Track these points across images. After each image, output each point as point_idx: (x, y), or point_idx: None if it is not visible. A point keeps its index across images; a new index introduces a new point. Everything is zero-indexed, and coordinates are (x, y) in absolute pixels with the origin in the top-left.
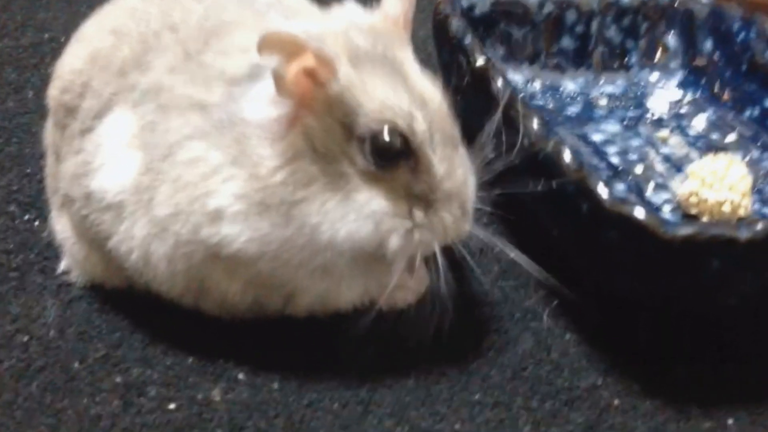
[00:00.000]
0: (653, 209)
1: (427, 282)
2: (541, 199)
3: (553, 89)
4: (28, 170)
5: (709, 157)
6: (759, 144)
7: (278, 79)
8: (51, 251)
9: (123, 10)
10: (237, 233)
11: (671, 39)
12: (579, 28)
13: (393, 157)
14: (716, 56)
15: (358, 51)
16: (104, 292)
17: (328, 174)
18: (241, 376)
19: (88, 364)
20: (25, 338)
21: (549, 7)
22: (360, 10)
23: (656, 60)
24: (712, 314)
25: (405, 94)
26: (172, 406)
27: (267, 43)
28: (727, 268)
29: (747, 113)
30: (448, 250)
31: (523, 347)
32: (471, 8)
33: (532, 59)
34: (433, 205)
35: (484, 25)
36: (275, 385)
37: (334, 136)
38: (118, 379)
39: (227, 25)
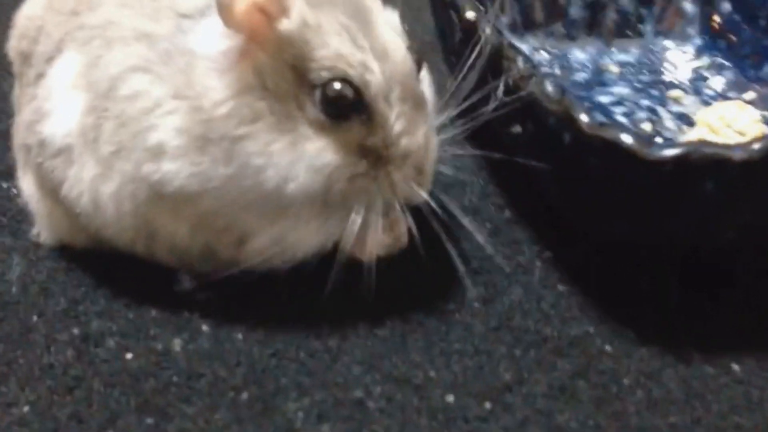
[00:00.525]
0: None
1: (404, 239)
2: (528, 141)
3: (561, 58)
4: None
5: (718, 104)
6: None
7: (224, 8)
8: (24, 216)
9: None
10: (177, 169)
11: (688, 4)
12: None
13: (345, 109)
14: (735, 16)
15: None
16: (71, 252)
17: (277, 114)
18: (204, 327)
19: (47, 317)
20: None
21: None
22: None
23: (673, 27)
24: (712, 251)
25: (363, 44)
26: (129, 356)
27: None
28: (722, 193)
29: (766, 69)
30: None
31: (511, 299)
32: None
33: (539, 28)
34: (386, 161)
35: None
36: (239, 336)
37: (285, 78)
38: (76, 331)
39: None
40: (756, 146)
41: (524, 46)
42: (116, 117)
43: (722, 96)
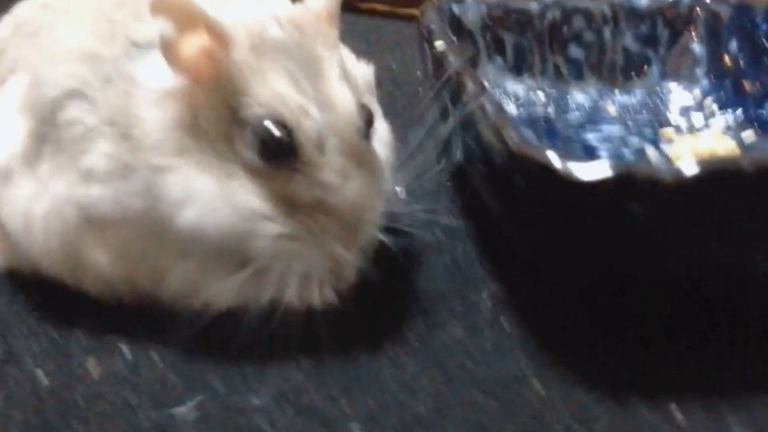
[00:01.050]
0: None
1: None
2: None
3: (559, 99)
4: None
5: (692, 135)
6: None
7: (167, 47)
8: None
9: None
10: (103, 194)
11: (696, 46)
12: (588, 36)
13: (276, 152)
14: (741, 56)
15: (266, 39)
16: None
17: (205, 152)
18: (124, 348)
19: None
20: None
21: (553, 13)
22: (286, 2)
23: (679, 68)
24: (659, 287)
25: (306, 89)
26: (40, 374)
27: (160, 5)
28: (654, 218)
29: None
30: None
31: (453, 336)
32: (462, 14)
33: (537, 69)
34: (316, 219)
35: (479, 34)
36: (155, 357)
37: (219, 117)
38: None
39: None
40: (690, 169)
41: (520, 87)
42: (54, 142)
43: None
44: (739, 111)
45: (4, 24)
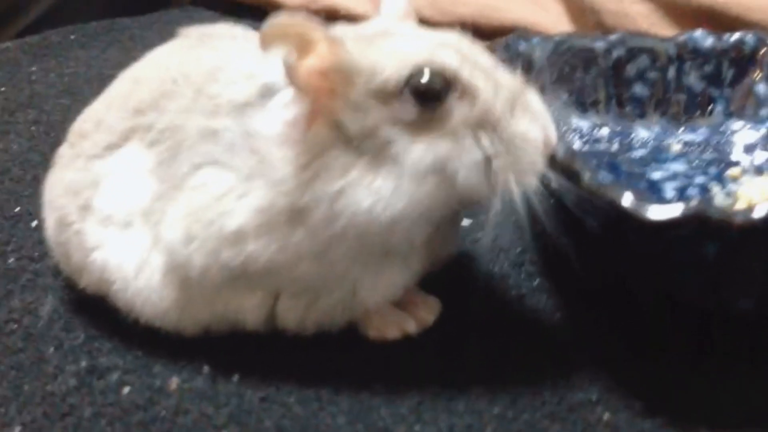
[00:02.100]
0: None
1: (429, 320)
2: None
3: (623, 135)
4: None
5: (762, 178)
6: None
7: (291, 74)
8: None
9: (146, 61)
10: (263, 246)
11: (760, 86)
12: (653, 74)
13: (435, 94)
14: None
15: (362, 33)
16: None
17: (368, 151)
18: (205, 368)
19: (63, 350)
20: (14, 326)
21: (618, 52)
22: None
23: (743, 108)
24: (728, 321)
25: (419, 39)
26: (126, 389)
27: (270, 35)
28: (726, 258)
29: None
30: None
31: (517, 361)
32: (529, 51)
33: (600, 106)
34: (499, 125)
35: (546, 70)
36: (235, 378)
37: (364, 106)
38: (84, 364)
39: (233, 58)
40: (758, 212)
41: (584, 123)
42: (185, 205)
43: None
44: None
45: (100, 100)
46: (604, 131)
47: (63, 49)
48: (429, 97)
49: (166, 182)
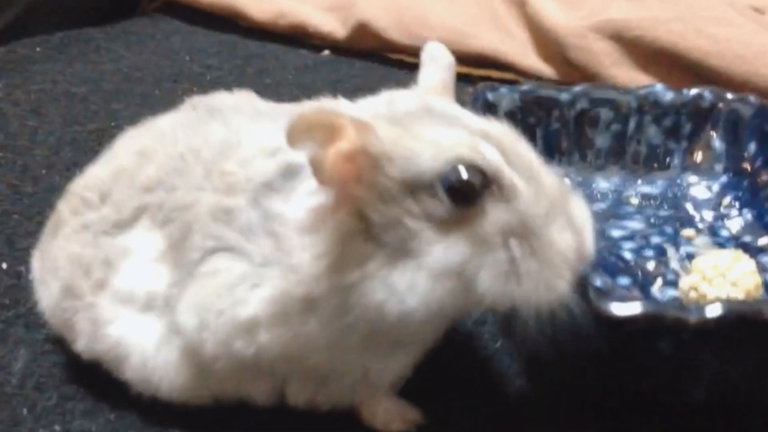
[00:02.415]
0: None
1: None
2: None
3: (584, 185)
4: None
5: (715, 252)
6: None
7: (317, 166)
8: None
9: (151, 133)
10: (276, 337)
11: (716, 141)
12: (615, 127)
13: (471, 193)
14: (759, 158)
15: (397, 112)
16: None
17: (389, 243)
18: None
19: (36, 412)
20: None
21: (582, 104)
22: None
23: (699, 162)
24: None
25: (460, 129)
26: None
27: (297, 130)
28: (681, 354)
29: None
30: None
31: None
32: (497, 102)
33: (564, 156)
34: (534, 232)
35: (512, 121)
36: None
37: (391, 198)
38: (58, 428)
39: (247, 133)
40: (712, 311)
41: None
42: (196, 292)
43: (736, 239)
44: (756, 213)
45: (103, 164)
46: (567, 181)
47: (29, 62)
48: (464, 195)
49: (179, 267)
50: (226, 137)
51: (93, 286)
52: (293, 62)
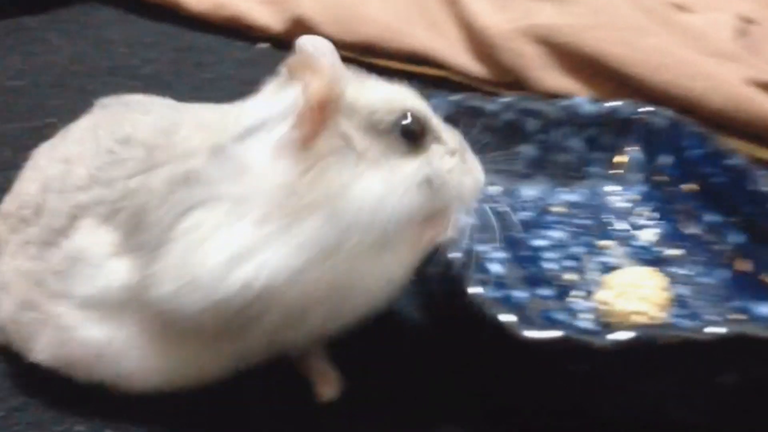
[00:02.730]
0: (570, 315)
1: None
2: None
3: (511, 194)
4: None
5: (628, 268)
6: (702, 260)
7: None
8: None
9: (69, 139)
10: (273, 257)
11: (634, 153)
12: (540, 136)
13: (419, 135)
14: (675, 170)
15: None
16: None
17: (371, 158)
18: None
19: None
20: None
21: (509, 114)
22: None
23: (618, 172)
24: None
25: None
26: None
27: (298, 61)
28: (591, 376)
29: (691, 229)
30: None
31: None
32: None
33: (491, 165)
34: (459, 152)
35: None
36: None
37: (364, 133)
38: None
39: (184, 116)
40: (620, 336)
41: None
42: (177, 251)
43: (650, 250)
44: (671, 224)
45: (29, 180)
46: (497, 188)
47: None
48: (415, 135)
49: (141, 250)
50: (159, 120)
51: (50, 297)
52: (231, 55)
